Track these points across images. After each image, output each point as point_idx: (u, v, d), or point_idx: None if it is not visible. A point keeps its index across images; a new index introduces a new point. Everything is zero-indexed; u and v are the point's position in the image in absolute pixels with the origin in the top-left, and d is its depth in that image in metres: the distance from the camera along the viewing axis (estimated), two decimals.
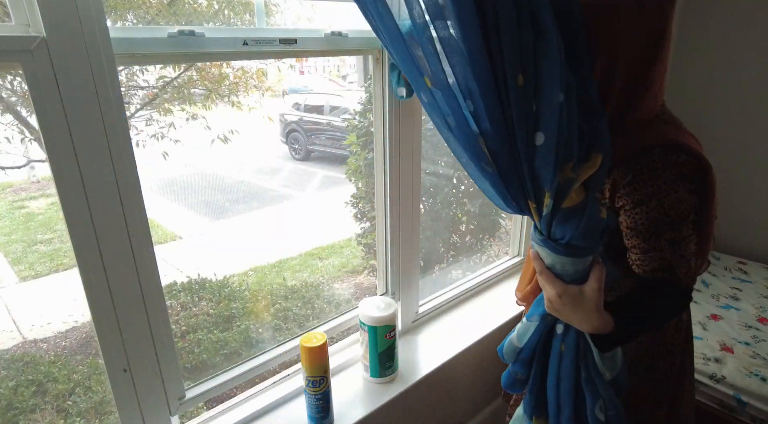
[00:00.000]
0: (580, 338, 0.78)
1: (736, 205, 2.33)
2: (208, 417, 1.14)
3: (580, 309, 0.74)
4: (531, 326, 0.82)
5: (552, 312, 0.77)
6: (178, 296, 2.49)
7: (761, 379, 1.50)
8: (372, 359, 1.26)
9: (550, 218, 0.69)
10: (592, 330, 0.75)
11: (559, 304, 0.75)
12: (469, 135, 0.66)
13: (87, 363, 2.10)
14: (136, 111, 2.30)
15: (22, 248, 2.71)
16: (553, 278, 0.75)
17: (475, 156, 0.67)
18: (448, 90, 0.64)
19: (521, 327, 0.84)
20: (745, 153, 2.25)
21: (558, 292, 0.74)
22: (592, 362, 0.78)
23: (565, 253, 0.71)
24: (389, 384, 1.30)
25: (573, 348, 0.78)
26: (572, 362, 0.79)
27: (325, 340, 1.08)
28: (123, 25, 1.92)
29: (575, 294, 0.74)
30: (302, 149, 5.03)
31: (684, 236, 0.77)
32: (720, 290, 2.02)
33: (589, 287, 0.73)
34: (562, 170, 0.64)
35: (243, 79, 2.49)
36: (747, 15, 2.11)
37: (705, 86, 2.29)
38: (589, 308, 0.74)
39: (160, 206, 3.44)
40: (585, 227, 0.68)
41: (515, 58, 0.59)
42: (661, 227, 0.77)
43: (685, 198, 0.77)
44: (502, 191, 0.70)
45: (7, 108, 2.04)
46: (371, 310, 1.23)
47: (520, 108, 0.61)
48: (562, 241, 0.70)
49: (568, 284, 0.74)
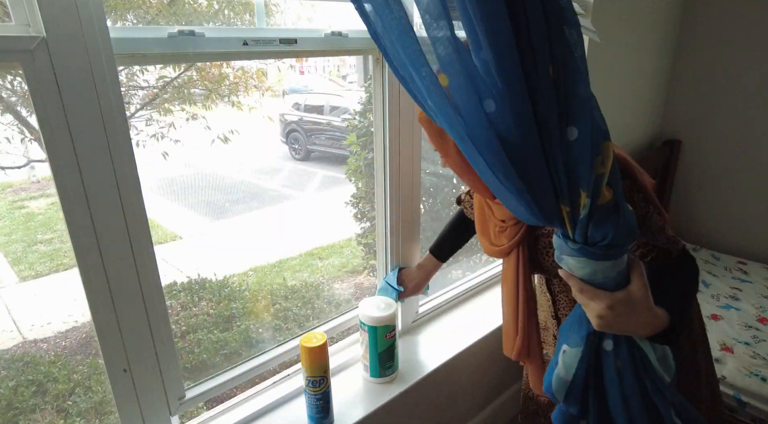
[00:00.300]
0: (634, 347, 0.72)
1: (737, 206, 2.33)
2: (208, 417, 1.14)
3: (636, 314, 0.68)
4: (576, 353, 0.73)
5: (604, 329, 0.69)
6: (178, 296, 2.49)
7: (761, 379, 1.50)
8: (372, 359, 1.26)
9: (587, 221, 0.63)
10: (652, 331, 0.69)
11: (613, 316, 0.67)
12: (491, 140, 0.61)
13: (87, 363, 2.10)
14: (136, 111, 2.30)
15: (22, 248, 2.71)
16: (596, 291, 0.68)
17: (497, 164, 0.62)
18: (464, 89, 0.59)
19: (566, 357, 0.75)
20: (745, 153, 2.25)
21: (608, 304, 0.67)
22: (651, 370, 0.71)
23: (606, 256, 0.65)
24: (389, 384, 1.30)
25: (629, 361, 0.71)
26: (633, 375, 0.71)
27: (325, 340, 1.08)
28: (123, 25, 1.92)
29: (625, 300, 0.67)
30: (302, 149, 5.03)
31: (641, 215, 0.80)
32: (720, 290, 2.02)
33: (636, 287, 0.68)
34: (594, 166, 0.61)
35: (243, 79, 2.49)
36: (747, 15, 2.11)
37: (705, 86, 2.29)
38: (644, 308, 0.68)
39: (160, 206, 3.44)
40: (624, 222, 0.64)
41: (546, 50, 0.56)
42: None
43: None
44: (528, 200, 0.64)
45: (7, 108, 2.04)
46: (371, 310, 1.23)
47: (552, 101, 0.58)
48: (603, 243, 0.65)
49: (613, 291, 0.68)
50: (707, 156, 2.37)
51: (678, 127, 2.41)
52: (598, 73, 1.78)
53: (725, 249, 2.38)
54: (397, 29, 0.59)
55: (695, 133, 2.37)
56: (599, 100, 0.62)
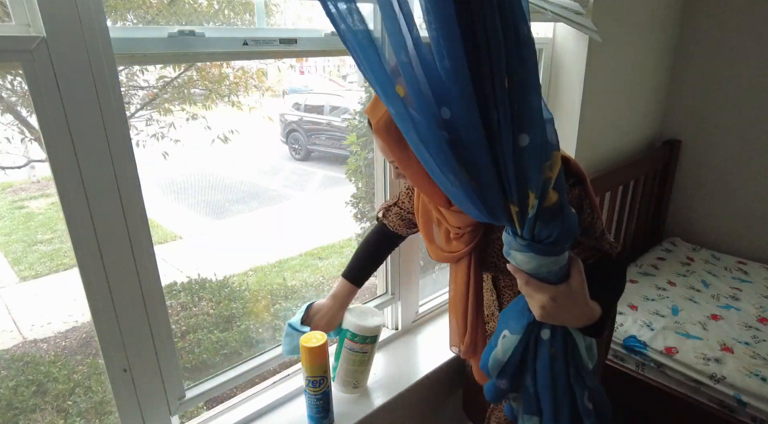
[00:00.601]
0: (568, 337, 0.80)
1: (737, 205, 2.33)
2: (208, 417, 1.14)
3: (575, 306, 0.75)
4: (515, 339, 0.81)
5: (546, 319, 0.76)
6: (178, 296, 2.49)
7: (761, 379, 1.50)
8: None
9: (535, 220, 0.69)
10: (585, 323, 0.77)
11: (554, 307, 0.74)
12: (441, 144, 0.65)
13: (87, 363, 2.10)
14: (136, 111, 2.30)
15: (22, 248, 2.71)
16: (541, 284, 0.75)
17: (447, 166, 0.67)
18: (421, 98, 0.64)
19: (505, 342, 0.83)
20: (746, 153, 2.25)
21: (551, 296, 0.74)
22: (578, 357, 0.80)
23: (550, 252, 0.71)
24: (389, 385, 1.30)
25: (562, 349, 0.80)
26: (563, 361, 0.80)
27: (326, 340, 1.08)
28: (123, 25, 1.92)
29: (566, 292, 0.74)
30: (302, 149, 5.03)
31: (588, 221, 0.87)
32: (720, 290, 2.02)
33: (576, 281, 0.75)
34: (542, 171, 0.66)
35: (243, 79, 2.49)
36: (747, 15, 2.11)
37: (705, 86, 2.29)
38: (582, 301, 0.75)
39: (160, 206, 3.44)
40: (567, 222, 0.70)
41: (502, 63, 0.60)
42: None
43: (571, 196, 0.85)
44: (478, 200, 0.70)
45: (7, 108, 2.04)
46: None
47: (507, 110, 0.62)
48: (549, 240, 0.70)
49: (555, 284, 0.75)
50: (707, 156, 2.37)
51: (678, 127, 2.41)
52: (598, 72, 1.78)
53: (725, 249, 2.38)
54: (361, 37, 0.64)
55: (695, 133, 2.37)
56: (600, 100, 0.63)
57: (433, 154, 0.66)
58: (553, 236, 0.69)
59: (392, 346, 1.48)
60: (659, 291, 1.99)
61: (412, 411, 1.36)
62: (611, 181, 1.95)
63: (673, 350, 1.63)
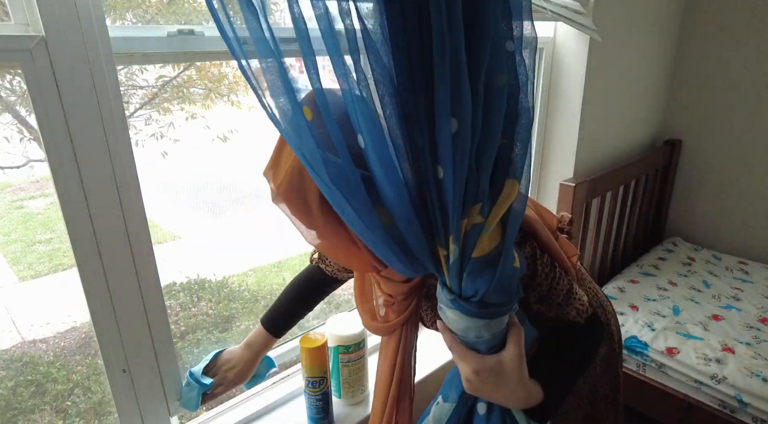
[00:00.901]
0: (507, 415, 0.67)
1: (737, 205, 2.33)
2: (208, 417, 1.13)
3: (504, 384, 0.63)
4: (448, 408, 0.71)
5: (472, 392, 0.65)
6: (178, 296, 2.49)
7: (762, 379, 1.50)
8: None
9: (459, 269, 0.58)
10: (523, 405, 0.65)
11: (479, 382, 0.63)
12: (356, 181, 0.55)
13: (86, 363, 2.10)
14: (135, 110, 2.30)
15: (21, 248, 2.70)
16: (466, 351, 0.64)
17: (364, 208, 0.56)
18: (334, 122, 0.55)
19: (437, 411, 0.73)
20: (746, 152, 2.25)
21: (475, 368, 0.63)
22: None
23: (479, 314, 0.59)
24: None
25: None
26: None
27: (325, 340, 1.07)
28: (122, 24, 1.92)
29: (494, 366, 0.62)
30: None
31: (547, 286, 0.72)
32: (721, 290, 2.02)
33: (509, 354, 0.63)
34: (468, 214, 0.56)
35: (242, 78, 2.49)
36: (748, 15, 2.11)
37: (706, 86, 2.29)
38: (513, 380, 0.63)
39: (159, 206, 3.43)
40: (499, 279, 0.58)
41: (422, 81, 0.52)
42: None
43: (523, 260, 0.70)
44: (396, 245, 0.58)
45: (6, 107, 2.04)
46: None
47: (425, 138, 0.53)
48: (475, 299, 0.59)
49: (484, 355, 0.63)
50: (708, 156, 2.37)
51: (678, 127, 2.41)
52: (598, 72, 1.78)
53: (726, 249, 2.38)
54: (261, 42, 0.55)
55: (696, 133, 2.37)
56: (600, 100, 0.61)
57: (348, 195, 0.55)
58: (479, 294, 0.59)
59: None
60: (660, 291, 1.99)
61: (412, 412, 1.36)
62: (612, 181, 1.95)
63: (674, 351, 1.62)
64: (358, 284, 0.89)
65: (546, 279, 0.72)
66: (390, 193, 0.55)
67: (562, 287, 0.74)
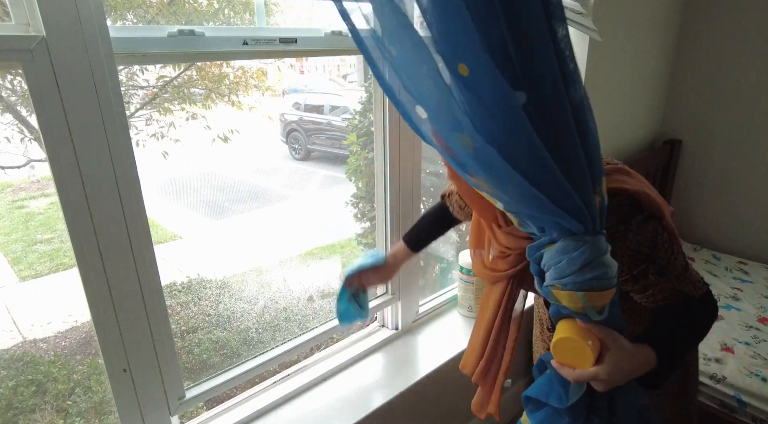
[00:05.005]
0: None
1: (737, 205, 2.33)
2: (208, 417, 1.14)
3: (629, 358, 0.66)
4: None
5: (613, 384, 0.65)
6: (178, 295, 2.49)
7: (762, 379, 1.50)
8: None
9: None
10: (646, 369, 0.68)
11: (618, 369, 0.64)
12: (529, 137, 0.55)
13: (87, 363, 2.10)
14: (135, 110, 2.30)
15: (22, 248, 2.70)
16: (609, 329, 0.66)
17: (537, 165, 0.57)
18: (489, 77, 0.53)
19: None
20: (746, 152, 2.25)
21: (623, 344, 0.66)
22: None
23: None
24: (388, 385, 1.29)
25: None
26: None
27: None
28: (123, 24, 1.92)
29: (622, 344, 0.66)
30: (302, 149, 5.02)
31: (666, 259, 0.76)
32: (721, 290, 2.02)
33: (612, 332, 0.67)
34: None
35: (243, 78, 2.49)
36: (748, 15, 2.11)
37: (705, 86, 2.29)
38: (630, 351, 0.67)
39: (159, 206, 3.43)
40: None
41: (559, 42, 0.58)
42: (639, 266, 0.75)
43: (644, 232, 0.75)
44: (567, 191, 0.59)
45: (7, 107, 2.04)
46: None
47: (579, 85, 0.59)
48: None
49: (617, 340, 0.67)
50: (707, 156, 2.37)
51: (678, 127, 2.41)
52: (598, 72, 1.78)
53: (726, 249, 2.38)
54: (398, 28, 0.54)
55: (695, 133, 2.37)
56: (600, 100, 0.62)
57: (518, 157, 0.56)
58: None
59: (392, 346, 1.47)
60: None
61: (412, 411, 1.36)
62: None
63: None
64: (474, 227, 0.93)
65: (666, 253, 0.76)
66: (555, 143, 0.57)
67: (680, 262, 0.78)
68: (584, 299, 0.63)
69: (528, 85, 0.54)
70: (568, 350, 0.66)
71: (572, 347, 0.66)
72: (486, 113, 0.54)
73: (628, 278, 0.77)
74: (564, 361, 0.67)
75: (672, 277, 0.77)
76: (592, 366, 0.65)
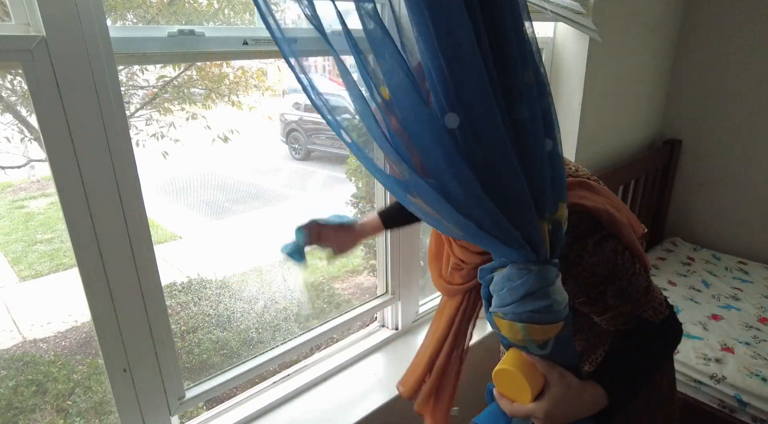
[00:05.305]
0: None
1: (737, 206, 2.33)
2: (208, 417, 1.14)
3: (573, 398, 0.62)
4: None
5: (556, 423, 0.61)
6: (178, 296, 2.49)
7: (762, 379, 1.50)
8: None
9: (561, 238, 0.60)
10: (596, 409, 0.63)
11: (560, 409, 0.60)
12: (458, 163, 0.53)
13: (87, 363, 2.10)
14: (135, 110, 2.30)
15: (22, 248, 2.71)
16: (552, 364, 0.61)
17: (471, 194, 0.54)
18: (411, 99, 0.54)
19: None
20: (746, 152, 2.25)
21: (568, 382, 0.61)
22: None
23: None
24: (388, 385, 1.29)
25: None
26: None
27: None
28: (123, 24, 1.92)
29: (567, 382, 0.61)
30: (302, 149, 5.02)
31: (627, 281, 0.71)
32: (721, 290, 2.02)
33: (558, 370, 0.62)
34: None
35: (243, 78, 2.49)
36: (748, 15, 2.11)
37: (705, 86, 2.29)
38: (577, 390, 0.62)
39: (159, 206, 3.43)
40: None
41: (516, 56, 0.54)
42: (596, 288, 0.71)
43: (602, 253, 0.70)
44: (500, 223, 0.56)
45: (7, 107, 2.04)
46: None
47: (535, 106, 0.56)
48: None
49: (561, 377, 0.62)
50: (707, 156, 2.37)
51: (678, 127, 2.41)
52: (598, 72, 1.78)
53: (726, 249, 2.38)
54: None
55: (695, 133, 2.37)
56: (600, 100, 0.62)
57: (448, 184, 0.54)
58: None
59: (392, 346, 1.47)
60: None
61: (412, 411, 1.36)
62: (612, 181, 1.95)
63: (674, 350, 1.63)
64: (434, 236, 0.89)
65: (626, 274, 0.71)
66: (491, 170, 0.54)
67: (641, 283, 0.72)
68: (524, 331, 0.59)
69: (461, 106, 0.51)
70: (508, 382, 0.64)
71: (511, 380, 0.63)
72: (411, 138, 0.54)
73: (585, 301, 0.73)
74: (504, 392, 0.64)
75: (632, 300, 0.72)
76: (531, 402, 0.61)
